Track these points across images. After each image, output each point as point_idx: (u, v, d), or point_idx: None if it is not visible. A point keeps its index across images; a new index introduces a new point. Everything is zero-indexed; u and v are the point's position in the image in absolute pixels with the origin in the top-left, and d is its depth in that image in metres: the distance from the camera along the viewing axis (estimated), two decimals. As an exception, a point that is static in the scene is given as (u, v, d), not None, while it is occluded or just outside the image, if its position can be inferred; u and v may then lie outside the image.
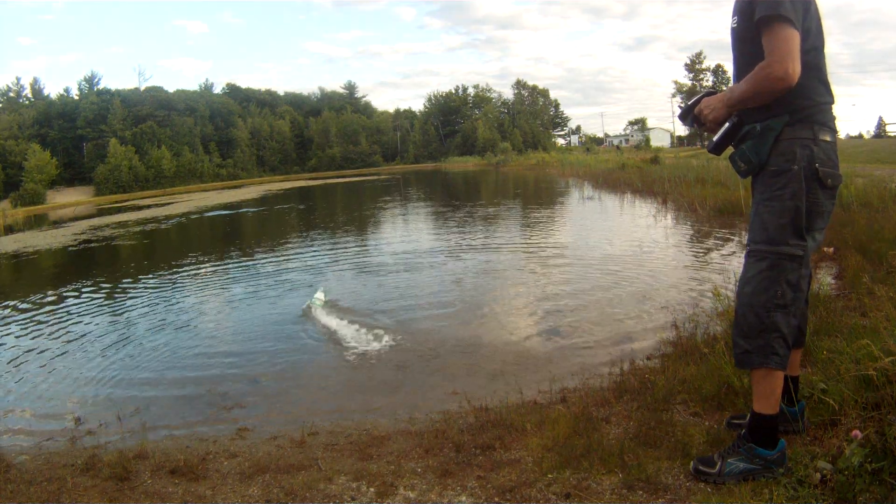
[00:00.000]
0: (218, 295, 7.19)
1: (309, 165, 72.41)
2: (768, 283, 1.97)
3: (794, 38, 1.83)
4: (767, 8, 1.86)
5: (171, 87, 68.56)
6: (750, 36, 1.94)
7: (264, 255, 10.13)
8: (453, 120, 77.93)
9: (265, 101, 76.61)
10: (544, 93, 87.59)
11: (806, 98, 1.95)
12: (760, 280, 1.98)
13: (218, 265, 9.49)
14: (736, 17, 2.01)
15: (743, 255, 2.10)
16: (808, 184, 1.94)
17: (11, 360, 4.99)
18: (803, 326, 2.22)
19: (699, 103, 2.13)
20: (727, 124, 2.06)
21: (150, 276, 8.86)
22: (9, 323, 6.44)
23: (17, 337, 5.79)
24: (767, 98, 1.92)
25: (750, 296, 2.00)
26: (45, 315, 6.69)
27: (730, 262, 6.68)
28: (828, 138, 1.97)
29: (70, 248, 14.12)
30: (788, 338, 1.97)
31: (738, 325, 2.03)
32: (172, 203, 30.61)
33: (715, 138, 2.10)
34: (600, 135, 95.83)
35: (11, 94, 62.35)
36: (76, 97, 60.23)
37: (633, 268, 6.91)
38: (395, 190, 29.59)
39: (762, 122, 1.99)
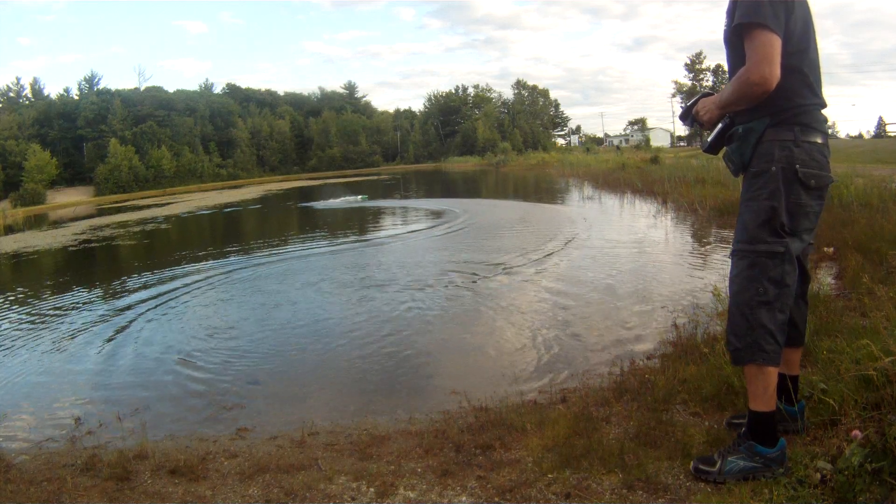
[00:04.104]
0: (217, 294, 7.18)
1: (309, 165, 72.33)
2: (750, 282, 2.01)
3: (772, 42, 1.85)
4: (746, 14, 1.89)
5: (171, 87, 68.51)
6: (739, 39, 1.95)
7: (265, 252, 10.13)
8: (453, 120, 77.75)
9: (265, 101, 76.52)
10: (544, 93, 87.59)
11: (787, 100, 1.97)
12: (743, 279, 2.03)
13: (217, 264, 9.48)
14: (727, 20, 2.04)
15: None
16: (789, 185, 1.96)
17: (11, 360, 4.99)
18: (802, 326, 2.23)
19: (697, 104, 2.18)
20: (720, 125, 2.11)
21: (150, 275, 8.85)
22: (8, 323, 6.44)
23: (16, 337, 5.79)
24: (749, 102, 1.96)
25: (735, 295, 2.06)
26: (44, 315, 6.69)
27: (729, 262, 6.67)
28: (814, 140, 1.98)
29: (70, 248, 14.12)
30: (777, 334, 1.98)
31: (729, 323, 2.09)
32: (172, 203, 30.62)
33: (709, 139, 2.18)
34: (600, 135, 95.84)
35: (11, 94, 62.22)
36: (76, 97, 60.14)
37: (633, 268, 6.91)
38: (396, 189, 29.58)
39: (745, 123, 2.03)
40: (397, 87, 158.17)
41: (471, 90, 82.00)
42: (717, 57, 73.05)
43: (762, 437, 1.99)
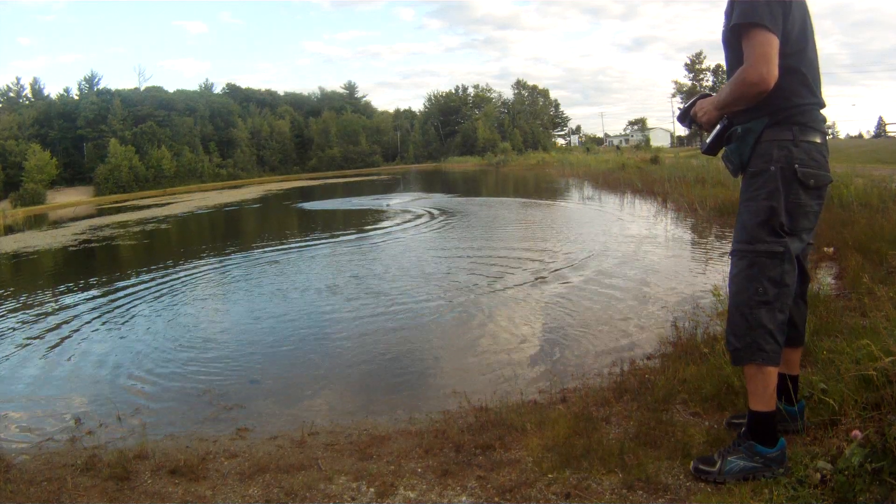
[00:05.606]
0: (217, 294, 7.18)
1: (309, 165, 72.32)
2: (749, 281, 2.01)
3: (769, 43, 1.85)
4: (743, 14, 1.89)
5: (171, 87, 68.47)
6: (737, 39, 1.96)
7: (264, 252, 10.12)
8: (453, 120, 77.72)
9: (265, 101, 76.48)
10: (544, 93, 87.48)
11: (786, 100, 1.97)
12: (742, 279, 2.04)
13: (216, 263, 9.48)
14: (725, 20, 2.04)
15: None
16: (787, 184, 1.97)
17: (11, 361, 4.99)
18: (802, 327, 2.23)
19: (695, 105, 2.19)
20: (718, 126, 2.12)
21: (150, 275, 8.84)
22: (8, 323, 6.44)
23: (16, 337, 5.79)
24: (747, 102, 1.96)
25: (735, 295, 2.06)
26: (43, 315, 6.69)
27: (729, 261, 6.67)
28: (813, 139, 1.98)
29: (70, 248, 14.12)
30: (776, 333, 1.98)
31: (729, 323, 2.09)
32: (173, 203, 30.61)
33: (708, 140, 2.18)
34: (600, 135, 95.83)
35: (11, 94, 62.10)
36: (76, 97, 60.10)
37: (633, 268, 6.91)
38: (396, 189, 29.58)
39: (744, 124, 2.03)
40: (397, 87, 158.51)
41: (471, 90, 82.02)
42: (717, 57, 73.03)
43: (762, 436, 2.00)
